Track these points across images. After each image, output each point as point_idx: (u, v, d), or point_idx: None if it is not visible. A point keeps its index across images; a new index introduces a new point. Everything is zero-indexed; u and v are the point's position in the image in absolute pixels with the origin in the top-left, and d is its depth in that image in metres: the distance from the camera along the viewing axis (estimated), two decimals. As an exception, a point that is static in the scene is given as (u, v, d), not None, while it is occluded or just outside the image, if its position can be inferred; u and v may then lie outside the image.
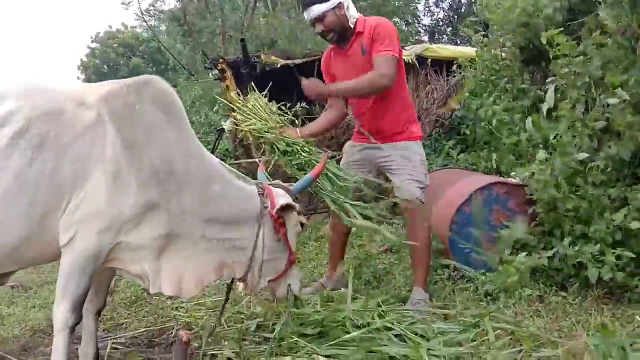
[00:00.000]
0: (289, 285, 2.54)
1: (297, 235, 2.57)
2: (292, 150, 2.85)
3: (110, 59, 30.66)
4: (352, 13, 3.05)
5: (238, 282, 2.58)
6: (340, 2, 2.99)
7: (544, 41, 3.64)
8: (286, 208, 2.41)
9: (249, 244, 2.39)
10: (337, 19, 3.01)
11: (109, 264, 2.24)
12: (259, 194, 2.43)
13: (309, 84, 2.95)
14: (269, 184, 2.56)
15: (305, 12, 3.03)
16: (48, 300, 3.69)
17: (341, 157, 3.35)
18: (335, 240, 3.49)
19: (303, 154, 2.84)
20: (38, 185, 1.99)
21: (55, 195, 2.02)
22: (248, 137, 2.93)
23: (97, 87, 2.27)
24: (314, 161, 2.81)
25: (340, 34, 3.07)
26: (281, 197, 2.44)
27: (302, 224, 2.56)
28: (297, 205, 2.47)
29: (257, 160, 2.99)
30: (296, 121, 3.07)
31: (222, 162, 2.45)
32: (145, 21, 18.54)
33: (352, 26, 3.05)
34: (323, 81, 3.21)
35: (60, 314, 2.10)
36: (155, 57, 28.01)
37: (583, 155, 3.11)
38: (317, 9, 2.96)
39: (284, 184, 2.59)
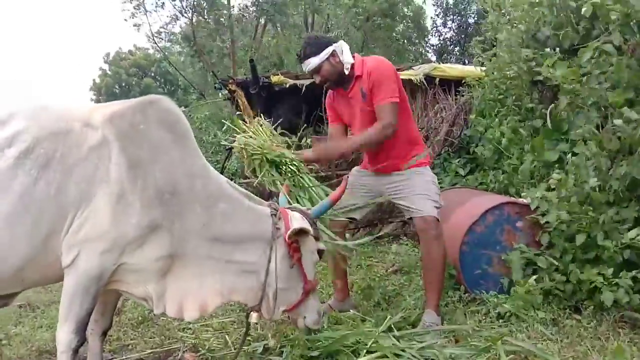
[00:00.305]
0: (304, 317, 2.43)
1: (314, 263, 2.44)
2: (281, 161, 2.85)
3: (122, 79, 31.16)
4: (347, 59, 3.07)
5: (252, 312, 2.43)
6: (334, 51, 3.04)
7: (544, 72, 3.63)
8: (300, 232, 2.30)
9: (260, 268, 2.31)
10: (332, 68, 3.06)
11: (113, 285, 2.22)
12: (272, 215, 2.35)
13: (318, 153, 3.03)
14: (287, 208, 2.48)
15: (303, 64, 3.09)
16: (55, 320, 3.62)
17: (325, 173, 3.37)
18: (336, 260, 3.44)
19: (291, 167, 2.85)
20: (43, 205, 1.98)
21: (59, 215, 2.02)
22: (243, 154, 2.89)
23: (103, 107, 2.28)
24: (302, 177, 2.84)
25: (338, 81, 3.12)
26: (296, 221, 2.33)
27: (319, 251, 2.45)
28: (312, 230, 2.35)
29: (263, 179, 2.94)
30: (301, 144, 3.08)
31: (232, 182, 2.43)
32: (155, 43, 18.84)
33: (347, 72, 3.08)
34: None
35: (64, 335, 2.08)
36: (167, 78, 28.44)
37: (594, 182, 3.07)
38: (313, 62, 3.02)
39: (302, 208, 2.52)
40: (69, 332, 2.08)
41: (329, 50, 3.02)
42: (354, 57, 3.10)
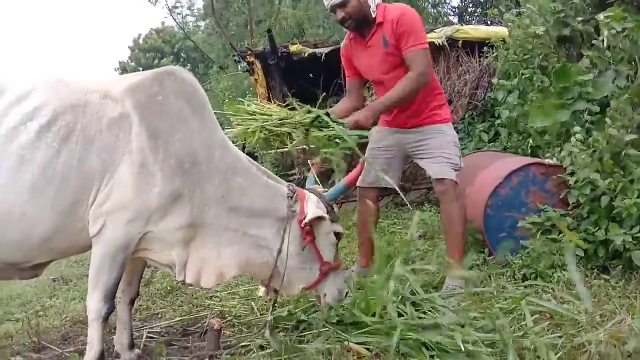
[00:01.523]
0: (324, 294, 2.45)
1: (332, 245, 2.44)
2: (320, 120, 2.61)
3: (143, 64, 31.16)
4: (377, 1, 2.95)
5: (260, 286, 2.51)
6: None
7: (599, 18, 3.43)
8: (314, 220, 2.31)
9: (273, 245, 2.34)
10: (359, 6, 2.90)
11: (138, 254, 2.27)
12: (288, 197, 2.36)
13: (355, 123, 2.69)
14: (306, 189, 2.48)
15: None
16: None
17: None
18: (364, 227, 3.44)
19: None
20: (66, 176, 2.03)
21: (83, 186, 2.06)
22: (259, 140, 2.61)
23: (121, 79, 2.31)
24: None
25: (361, 22, 2.96)
26: (312, 204, 2.33)
27: (337, 234, 2.45)
28: (325, 215, 2.33)
29: (284, 150, 2.86)
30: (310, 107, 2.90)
31: (252, 159, 2.44)
32: (174, 18, 18.81)
33: (373, 14, 2.94)
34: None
35: (93, 304, 2.15)
36: (189, 55, 28.45)
37: (631, 137, 2.96)
38: None
39: (319, 189, 2.50)
40: (98, 301, 2.14)
41: None
42: (377, 5, 2.96)
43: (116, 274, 2.16)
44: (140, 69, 31.66)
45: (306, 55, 6.95)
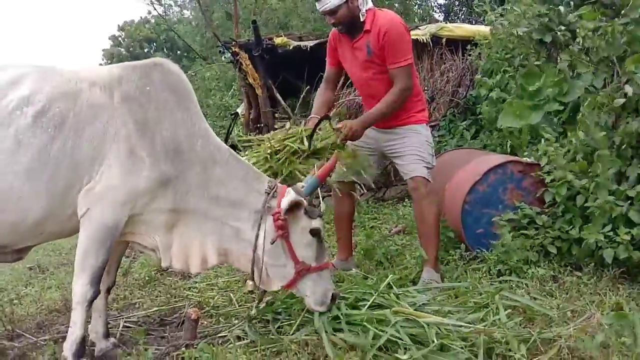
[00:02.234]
0: (306, 296, 2.40)
1: (308, 243, 2.37)
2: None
3: (135, 53, 30.64)
4: (368, 5, 2.99)
5: (248, 280, 2.49)
6: None
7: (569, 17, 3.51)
8: (291, 209, 2.29)
9: (251, 238, 2.36)
10: (348, 13, 2.95)
11: (125, 237, 2.33)
12: (266, 192, 2.37)
13: (349, 134, 2.84)
14: (289, 185, 2.46)
15: (318, 3, 2.97)
16: (64, 282, 3.76)
17: None
18: (340, 220, 3.48)
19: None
20: (59, 161, 2.09)
21: (75, 171, 2.12)
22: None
23: (109, 69, 2.36)
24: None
25: (350, 27, 3.02)
26: (288, 195, 2.32)
27: (315, 231, 2.36)
28: (296, 199, 2.29)
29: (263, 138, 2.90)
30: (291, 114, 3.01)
31: (233, 152, 2.46)
32: (155, 9, 18.57)
33: (362, 19, 2.99)
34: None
35: (79, 287, 2.17)
36: (174, 45, 28.09)
37: (601, 134, 3.03)
38: (331, 3, 2.90)
39: (299, 186, 2.46)
40: (84, 284, 2.17)
41: None
42: (367, 10, 3.00)
43: (103, 257, 2.19)
44: (129, 57, 31.17)
45: (291, 47, 6.94)
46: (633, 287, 2.78)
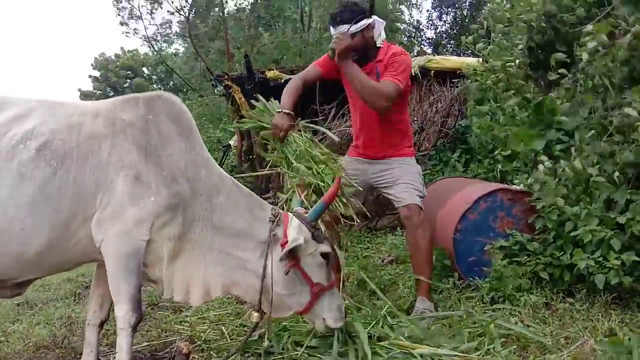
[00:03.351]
0: (323, 319, 2.39)
1: (319, 265, 2.38)
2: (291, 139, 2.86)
3: (113, 82, 30.84)
4: (381, 37, 3.03)
5: (252, 312, 2.45)
6: (370, 24, 2.97)
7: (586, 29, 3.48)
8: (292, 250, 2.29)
9: (258, 269, 2.35)
10: (363, 41, 2.98)
11: None
12: (270, 221, 2.38)
13: (339, 42, 2.87)
14: (290, 212, 2.49)
15: (334, 28, 2.98)
16: (53, 317, 3.69)
17: None
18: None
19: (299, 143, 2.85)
20: (62, 193, 2.11)
21: (78, 202, 2.14)
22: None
23: (112, 101, 2.43)
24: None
25: (362, 55, 3.03)
26: (292, 230, 2.33)
27: (325, 254, 2.39)
28: (300, 242, 2.29)
29: (261, 174, 2.99)
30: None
31: (236, 181, 2.49)
32: (152, 46, 18.87)
33: (377, 48, 3.03)
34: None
35: (121, 313, 2.20)
36: (164, 79, 28.37)
37: (594, 170, 3.06)
38: (348, 30, 2.91)
39: (301, 211, 2.49)
40: (126, 311, 2.19)
41: (367, 22, 2.95)
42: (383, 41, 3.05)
43: (135, 282, 2.21)
44: (111, 92, 31.21)
45: (283, 81, 7.04)
46: (625, 312, 2.78)
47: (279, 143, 2.90)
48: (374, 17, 3.02)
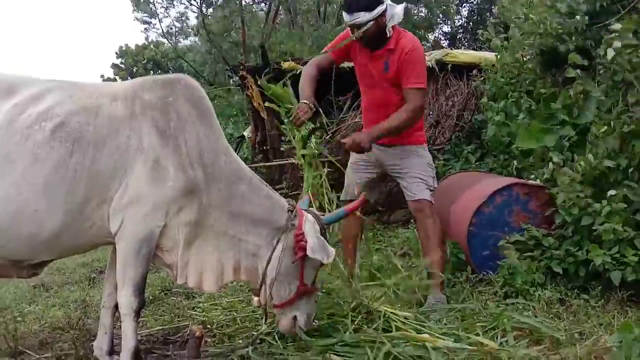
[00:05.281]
0: (294, 317, 2.40)
1: (315, 268, 2.42)
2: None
3: (139, 74, 30.86)
4: (393, 22, 2.99)
5: (254, 296, 2.50)
6: (385, 11, 2.94)
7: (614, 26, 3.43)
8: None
9: (264, 254, 2.36)
10: (377, 29, 2.95)
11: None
12: (289, 210, 2.40)
13: (351, 144, 2.94)
14: (303, 209, 2.49)
15: (348, 15, 2.95)
16: (68, 300, 3.75)
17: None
18: (347, 242, 3.47)
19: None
20: (78, 175, 2.10)
21: (94, 185, 2.13)
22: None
23: (131, 82, 2.41)
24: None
25: (374, 42, 3.02)
26: (309, 223, 2.34)
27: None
28: (325, 262, 2.31)
29: (275, 164, 3.02)
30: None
31: (256, 174, 2.50)
32: (168, 41, 18.89)
33: (389, 35, 3.00)
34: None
35: (124, 299, 2.21)
36: (180, 72, 28.32)
37: (611, 163, 3.03)
38: (363, 17, 2.88)
39: (316, 212, 2.51)
40: (128, 295, 2.21)
41: (381, 8, 2.91)
42: (393, 27, 3.01)
43: (142, 268, 2.22)
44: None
45: (298, 72, 7.01)
46: (642, 309, 2.75)
47: (296, 128, 2.92)
48: (386, 3, 2.97)
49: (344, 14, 3.03)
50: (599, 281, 2.95)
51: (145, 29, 17.16)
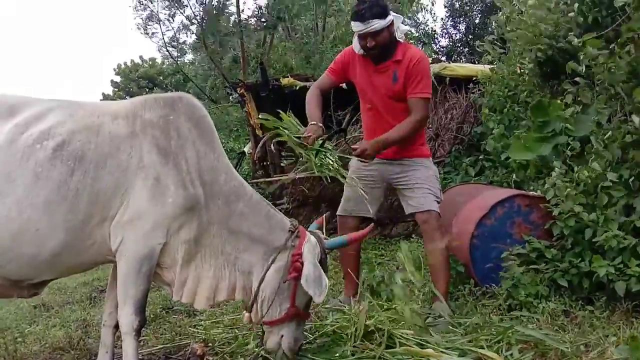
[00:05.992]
0: (281, 336, 2.38)
1: (306, 293, 2.32)
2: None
3: (133, 92, 31.04)
4: (400, 32, 3.05)
5: (245, 312, 2.50)
6: (393, 20, 2.99)
7: (573, 42, 3.52)
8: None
9: (258, 272, 2.36)
10: (388, 37, 2.99)
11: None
12: (290, 231, 2.40)
13: (360, 152, 2.96)
14: (308, 230, 2.50)
15: (362, 23, 2.93)
16: (69, 320, 3.73)
17: None
18: (347, 256, 3.45)
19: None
20: (79, 194, 2.11)
21: (95, 203, 2.14)
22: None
23: (132, 100, 2.43)
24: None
25: (383, 51, 3.04)
26: (308, 245, 2.35)
27: None
28: (319, 299, 2.28)
29: (275, 179, 3.01)
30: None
31: (257, 193, 2.50)
32: (168, 52, 19.01)
33: (401, 42, 3.05)
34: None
35: (125, 318, 2.20)
36: (179, 89, 28.51)
37: (612, 175, 3.03)
38: (377, 24, 2.90)
39: (320, 234, 2.52)
40: (129, 314, 2.20)
41: (391, 18, 2.96)
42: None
43: (143, 287, 2.22)
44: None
45: (297, 88, 7.06)
46: (648, 321, 2.72)
47: (306, 150, 2.88)
48: (391, 12, 3.01)
49: (356, 23, 2.99)
50: (603, 292, 2.92)
51: (147, 34, 17.13)
